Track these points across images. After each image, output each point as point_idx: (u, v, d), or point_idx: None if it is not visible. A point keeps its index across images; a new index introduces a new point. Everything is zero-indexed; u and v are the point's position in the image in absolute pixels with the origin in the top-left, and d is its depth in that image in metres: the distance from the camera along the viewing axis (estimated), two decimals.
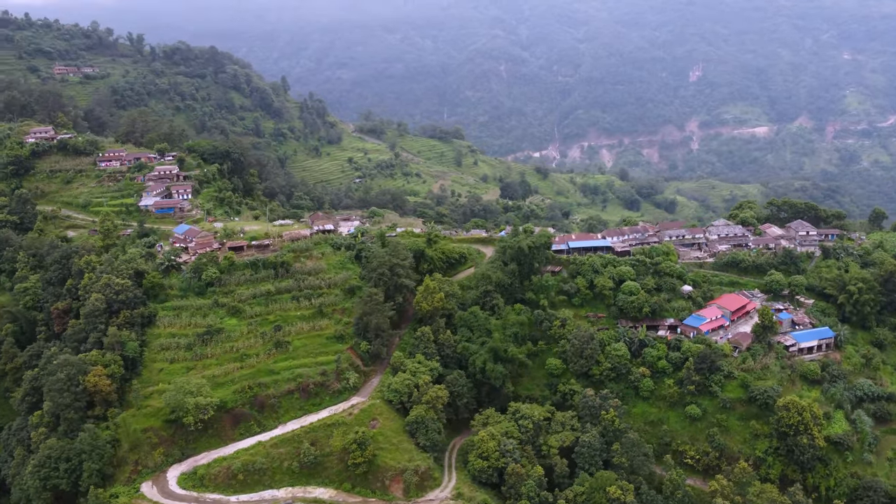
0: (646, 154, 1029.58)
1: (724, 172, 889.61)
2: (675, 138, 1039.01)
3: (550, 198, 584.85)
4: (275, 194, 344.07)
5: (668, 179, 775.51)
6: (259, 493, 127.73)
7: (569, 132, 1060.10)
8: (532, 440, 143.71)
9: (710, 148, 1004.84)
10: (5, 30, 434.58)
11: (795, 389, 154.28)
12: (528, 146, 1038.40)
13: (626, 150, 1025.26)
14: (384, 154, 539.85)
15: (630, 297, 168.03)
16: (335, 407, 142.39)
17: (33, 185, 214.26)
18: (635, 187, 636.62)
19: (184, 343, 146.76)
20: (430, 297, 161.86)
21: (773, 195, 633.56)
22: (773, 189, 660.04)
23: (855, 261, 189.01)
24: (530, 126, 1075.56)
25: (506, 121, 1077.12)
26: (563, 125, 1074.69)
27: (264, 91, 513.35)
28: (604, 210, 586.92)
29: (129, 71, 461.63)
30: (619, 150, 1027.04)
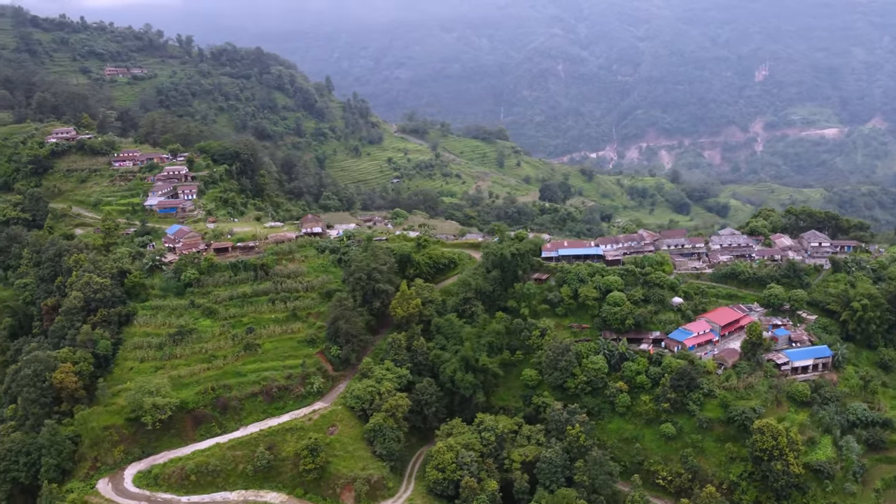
0: (707, 156, 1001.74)
1: (790, 175, 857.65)
2: (738, 140, 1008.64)
3: (595, 200, 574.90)
4: (301, 194, 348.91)
5: (724, 182, 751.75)
6: (211, 495, 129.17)
7: (627, 133, 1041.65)
8: (494, 453, 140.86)
9: (776, 150, 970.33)
10: (61, 33, 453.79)
11: (781, 411, 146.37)
12: (584, 147, 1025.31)
13: (686, 151, 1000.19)
14: (425, 154, 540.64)
15: (614, 309, 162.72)
16: (297, 411, 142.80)
17: (51, 183, 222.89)
18: (686, 190, 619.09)
19: (155, 343, 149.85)
20: (406, 304, 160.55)
21: (838, 200, 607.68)
22: (838, 194, 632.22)
23: (867, 275, 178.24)
24: (587, 126, 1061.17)
25: (562, 121, 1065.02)
26: (621, 126, 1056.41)
27: (307, 91, 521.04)
28: (651, 213, 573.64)
29: (177, 72, 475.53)
30: (678, 152, 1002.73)
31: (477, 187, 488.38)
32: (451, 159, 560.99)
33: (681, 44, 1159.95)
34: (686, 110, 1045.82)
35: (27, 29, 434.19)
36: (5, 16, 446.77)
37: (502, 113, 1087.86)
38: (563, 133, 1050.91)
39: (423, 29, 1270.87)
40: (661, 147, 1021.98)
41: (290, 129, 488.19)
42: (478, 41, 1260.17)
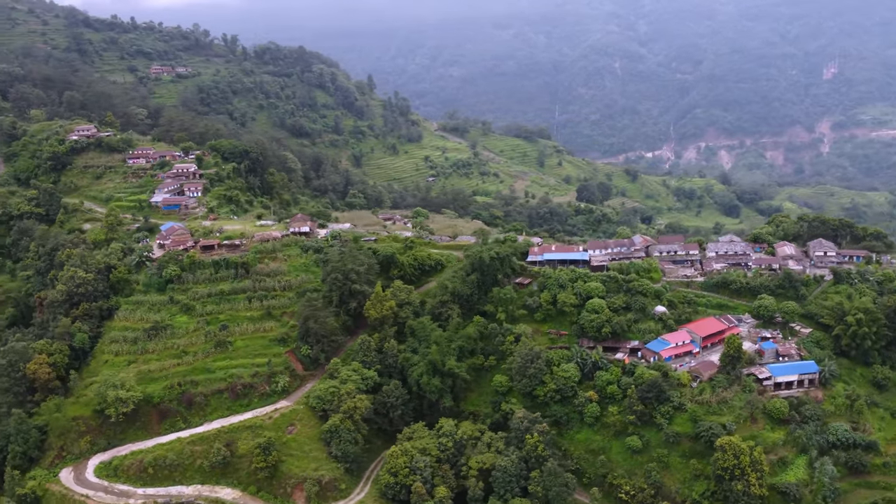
0: (769, 157, 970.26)
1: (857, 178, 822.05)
2: (803, 140, 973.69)
3: (638, 201, 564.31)
4: (326, 191, 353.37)
5: (782, 185, 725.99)
6: (167, 489, 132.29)
7: (685, 132, 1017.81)
8: (452, 459, 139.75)
9: (843, 151, 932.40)
10: (112, 33, 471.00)
11: (755, 428, 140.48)
12: (640, 146, 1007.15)
13: (747, 151, 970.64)
14: (464, 153, 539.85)
15: (591, 316, 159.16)
16: (261, 409, 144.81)
17: (69, 179, 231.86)
18: (737, 192, 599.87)
19: (131, 337, 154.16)
20: (380, 305, 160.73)
21: None
22: None
23: (871, 287, 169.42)
24: (644, 125, 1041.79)
25: (618, 119, 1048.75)
26: (679, 125, 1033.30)
27: (347, 90, 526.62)
28: (697, 216, 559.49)
29: (220, 70, 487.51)
30: (739, 152, 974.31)
31: (511, 187, 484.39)
32: (491, 158, 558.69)
33: (745, 40, 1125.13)
34: (748, 109, 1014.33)
35: (79, 29, 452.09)
36: (60, 17, 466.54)
37: (557, 111, 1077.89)
38: (618, 132, 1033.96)
39: (477, 26, 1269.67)
40: (720, 147, 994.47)
41: (328, 126, 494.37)
42: (534, 38, 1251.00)
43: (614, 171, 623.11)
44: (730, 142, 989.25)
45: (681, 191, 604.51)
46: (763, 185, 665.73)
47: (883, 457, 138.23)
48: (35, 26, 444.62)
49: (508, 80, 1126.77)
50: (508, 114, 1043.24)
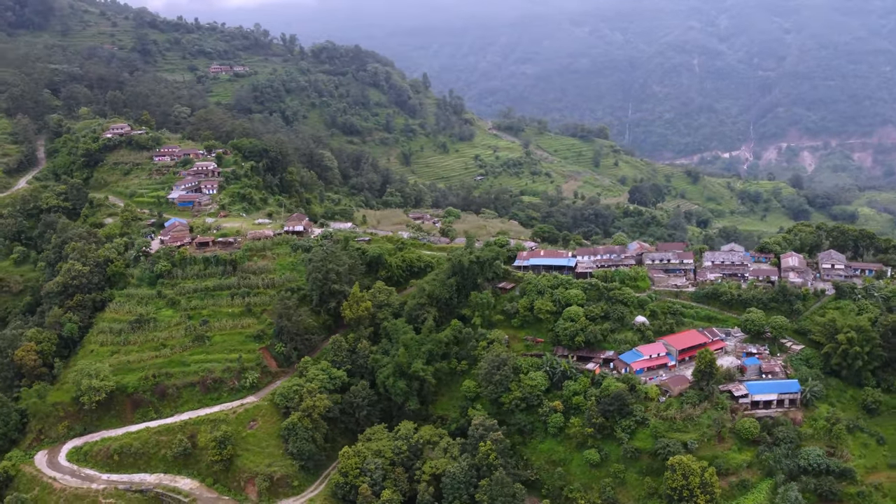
0: (857, 158, 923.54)
1: None
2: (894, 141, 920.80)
3: (699, 203, 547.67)
4: (361, 189, 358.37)
5: (863, 189, 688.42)
6: (130, 475, 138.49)
7: (766, 132, 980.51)
8: (407, 462, 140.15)
9: None
10: (176, 33, 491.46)
11: (721, 448, 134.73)
12: (717, 146, 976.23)
13: (832, 152, 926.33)
14: (516, 152, 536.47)
15: (566, 324, 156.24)
16: (228, 404, 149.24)
17: (101, 175, 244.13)
18: (809, 196, 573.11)
19: (117, 328, 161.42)
20: (356, 306, 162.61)
21: None
22: None
23: (875, 304, 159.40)
24: (721, 124, 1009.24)
25: (694, 118, 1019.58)
26: (759, 124, 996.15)
27: (401, 88, 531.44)
28: (762, 220, 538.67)
29: (277, 69, 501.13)
30: (823, 153, 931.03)
31: (558, 188, 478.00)
32: (544, 157, 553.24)
33: (834, 35, 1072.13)
34: (834, 108, 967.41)
35: (144, 30, 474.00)
36: (129, 18, 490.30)
37: (630, 109, 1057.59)
38: (694, 131, 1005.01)
39: (552, 23, 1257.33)
40: (803, 148, 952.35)
41: (380, 125, 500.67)
42: (610, 35, 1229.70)
43: (674, 172, 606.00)
44: (813, 142, 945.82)
45: (746, 194, 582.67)
46: (841, 189, 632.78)
47: (858, 486, 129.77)
48: (104, 28, 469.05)
49: (581, 77, 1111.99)
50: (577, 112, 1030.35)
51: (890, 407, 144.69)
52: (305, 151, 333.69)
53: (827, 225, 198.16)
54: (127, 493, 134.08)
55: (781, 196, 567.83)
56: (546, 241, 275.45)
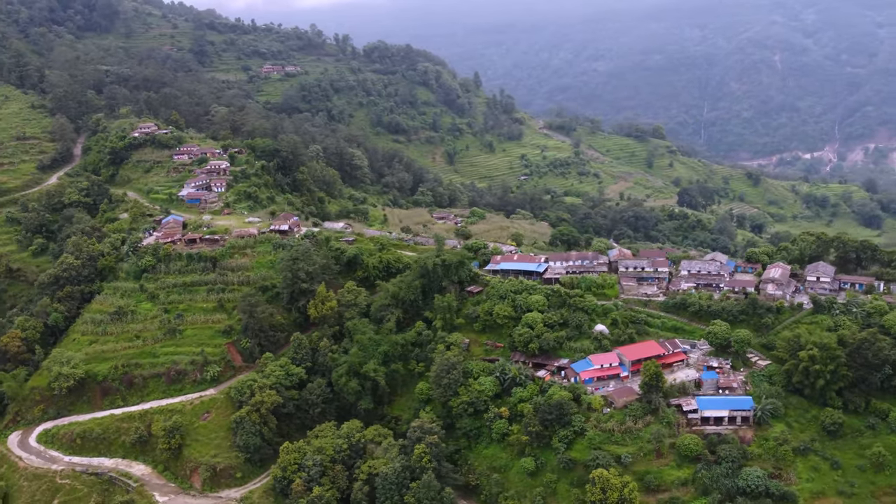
0: None
1: None
2: None
3: (758, 207, 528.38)
4: (391, 188, 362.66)
5: None
6: (90, 459, 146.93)
7: (852, 132, 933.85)
8: (347, 461, 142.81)
9: None
10: (232, 35, 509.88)
11: (658, 463, 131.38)
12: (797, 146, 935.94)
13: None
14: (564, 152, 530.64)
15: (522, 330, 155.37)
16: (189, 396, 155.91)
17: (125, 172, 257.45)
18: (883, 201, 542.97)
19: (98, 319, 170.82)
20: (321, 305, 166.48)
21: None
22: None
23: (854, 320, 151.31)
24: (804, 123, 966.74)
25: (774, 117, 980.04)
26: (845, 124, 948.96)
27: (449, 88, 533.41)
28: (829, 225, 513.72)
29: (328, 69, 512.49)
30: None
31: (600, 189, 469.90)
32: (595, 158, 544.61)
33: None
34: None
35: (202, 32, 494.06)
36: (189, 21, 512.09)
37: (705, 108, 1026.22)
38: (773, 131, 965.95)
39: (628, 19, 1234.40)
40: (893, 149, 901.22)
41: (426, 124, 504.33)
42: (688, 31, 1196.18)
43: (734, 174, 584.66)
44: None
45: (812, 198, 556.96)
46: None
47: None
48: (165, 30, 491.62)
49: (655, 74, 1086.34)
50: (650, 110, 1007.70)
51: (853, 430, 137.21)
52: (335, 150, 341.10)
53: (827, 235, 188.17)
54: (83, 475, 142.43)
55: (852, 201, 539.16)
56: (565, 243, 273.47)
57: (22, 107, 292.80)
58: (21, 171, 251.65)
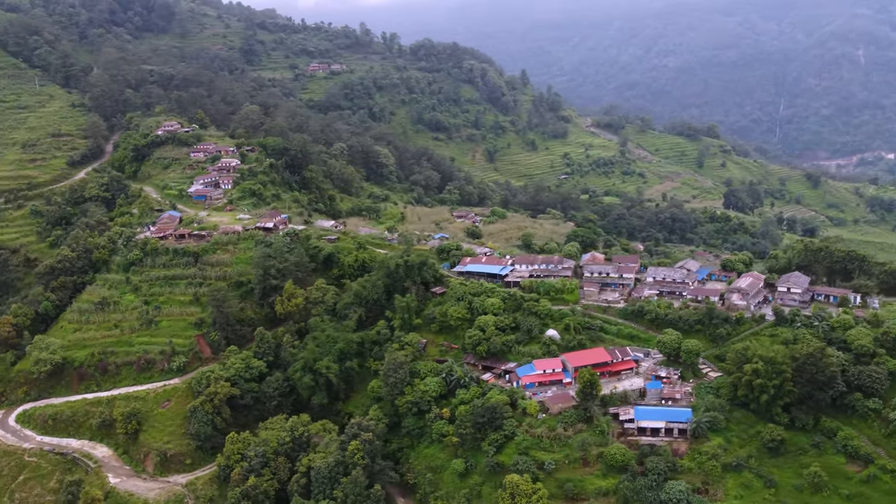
0: None
1: None
2: None
3: (815, 210, 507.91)
4: (415, 186, 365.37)
5: None
6: (59, 439, 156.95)
7: None
8: (291, 453, 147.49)
9: None
10: (282, 34, 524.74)
11: (583, 472, 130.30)
12: (880, 145, 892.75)
13: None
14: (610, 151, 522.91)
15: (472, 332, 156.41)
16: (156, 384, 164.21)
17: (146, 168, 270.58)
18: None
19: (85, 308, 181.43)
20: (287, 301, 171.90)
21: None
22: None
23: (816, 333, 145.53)
24: (889, 121, 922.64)
25: (855, 114, 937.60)
26: None
27: (494, 85, 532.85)
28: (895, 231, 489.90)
29: (374, 67, 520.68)
30: None
31: (638, 189, 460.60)
32: (642, 157, 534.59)
33: None
34: None
35: (252, 31, 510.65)
36: (241, 20, 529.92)
37: (781, 105, 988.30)
38: (854, 129, 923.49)
39: (701, 13, 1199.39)
40: None
41: (469, 122, 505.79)
42: (763, 25, 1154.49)
43: (792, 174, 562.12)
44: None
45: (878, 201, 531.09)
46: None
47: None
48: (218, 30, 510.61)
49: (727, 70, 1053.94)
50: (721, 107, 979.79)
51: (798, 448, 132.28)
52: (361, 149, 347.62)
53: (814, 243, 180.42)
54: (49, 454, 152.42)
55: None
56: (580, 244, 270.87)
57: (62, 105, 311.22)
58: (52, 166, 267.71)
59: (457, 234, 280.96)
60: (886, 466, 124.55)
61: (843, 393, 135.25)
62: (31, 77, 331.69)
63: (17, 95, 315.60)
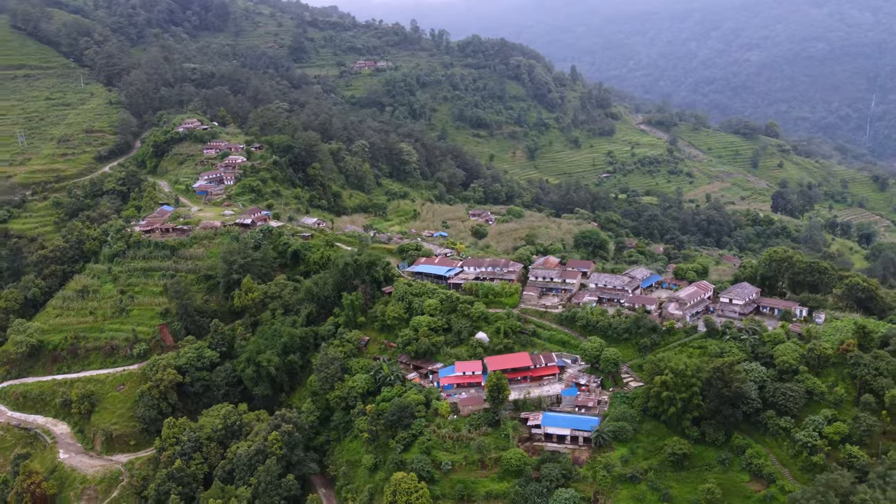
0: None
1: None
2: None
3: (881, 214, 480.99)
4: (441, 183, 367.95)
5: None
6: (26, 415, 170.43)
7: None
8: (226, 440, 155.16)
9: None
10: (332, 31, 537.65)
11: (479, 475, 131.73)
12: None
13: None
14: (658, 149, 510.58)
15: (405, 332, 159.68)
16: (117, 368, 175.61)
17: (164, 164, 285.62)
18: None
19: (68, 296, 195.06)
20: (244, 296, 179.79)
21: None
22: None
23: (742, 348, 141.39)
24: None
25: None
26: None
27: (541, 82, 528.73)
28: None
29: (420, 63, 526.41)
30: None
31: (681, 190, 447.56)
32: (693, 155, 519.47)
33: None
34: None
35: (302, 29, 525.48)
36: (293, 19, 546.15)
37: (873, 101, 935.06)
38: None
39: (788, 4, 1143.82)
40: None
41: (511, 118, 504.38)
42: (857, 15, 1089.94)
43: (858, 176, 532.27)
44: None
45: None
46: None
47: None
48: (271, 28, 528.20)
49: (815, 65, 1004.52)
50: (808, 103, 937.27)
51: (705, 463, 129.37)
52: (384, 146, 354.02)
53: (777, 253, 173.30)
54: (15, 428, 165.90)
55: None
56: (588, 247, 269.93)
57: (100, 102, 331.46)
58: (80, 160, 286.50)
59: (461, 233, 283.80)
60: (785, 487, 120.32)
61: (757, 409, 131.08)
62: (77, 76, 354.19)
63: (62, 93, 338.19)
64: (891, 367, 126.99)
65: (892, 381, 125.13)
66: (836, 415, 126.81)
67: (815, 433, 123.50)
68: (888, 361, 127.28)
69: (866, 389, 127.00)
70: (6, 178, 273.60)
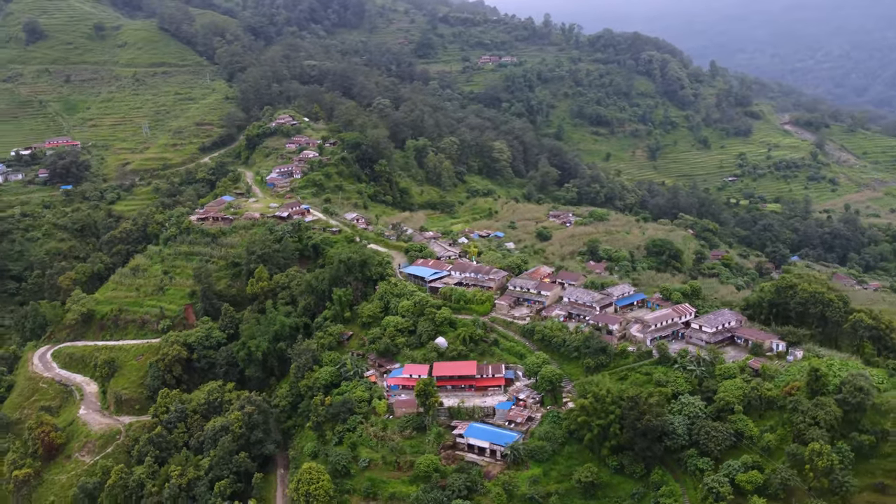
0: None
1: None
2: None
3: None
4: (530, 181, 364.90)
5: None
6: (70, 373, 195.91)
7: None
8: (209, 414, 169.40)
9: None
10: (461, 27, 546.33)
11: (392, 475, 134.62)
12: None
13: None
14: (800, 152, 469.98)
15: (372, 331, 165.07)
16: (144, 340, 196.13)
17: (254, 156, 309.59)
18: None
19: (124, 272, 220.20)
20: (255, 284, 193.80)
21: None
22: None
23: (688, 378, 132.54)
24: None
25: None
26: None
27: (672, 78, 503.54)
28: None
29: (545, 58, 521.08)
30: None
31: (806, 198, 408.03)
32: (843, 160, 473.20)
33: None
34: None
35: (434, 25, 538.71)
36: (426, 15, 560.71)
37: None
38: None
39: None
40: None
41: (636, 116, 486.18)
42: None
43: None
44: None
45: None
46: None
47: None
48: (403, 25, 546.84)
49: None
50: None
51: (618, 494, 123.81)
52: (474, 143, 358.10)
53: (784, 279, 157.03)
54: (57, 384, 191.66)
55: None
56: (657, 255, 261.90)
57: (219, 98, 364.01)
58: (186, 150, 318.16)
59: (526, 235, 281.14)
60: None
61: (683, 446, 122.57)
62: (206, 73, 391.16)
63: (190, 88, 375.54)
64: (828, 417, 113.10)
65: (824, 433, 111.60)
66: (761, 462, 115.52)
67: (726, 479, 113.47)
68: (827, 411, 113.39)
69: (799, 439, 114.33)
70: (124, 164, 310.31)
